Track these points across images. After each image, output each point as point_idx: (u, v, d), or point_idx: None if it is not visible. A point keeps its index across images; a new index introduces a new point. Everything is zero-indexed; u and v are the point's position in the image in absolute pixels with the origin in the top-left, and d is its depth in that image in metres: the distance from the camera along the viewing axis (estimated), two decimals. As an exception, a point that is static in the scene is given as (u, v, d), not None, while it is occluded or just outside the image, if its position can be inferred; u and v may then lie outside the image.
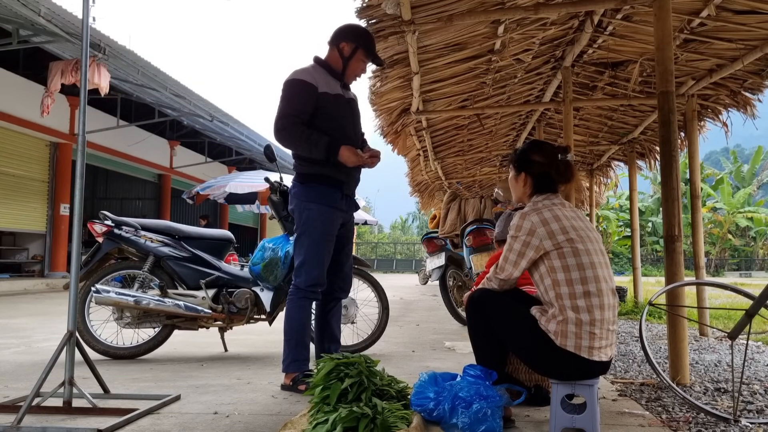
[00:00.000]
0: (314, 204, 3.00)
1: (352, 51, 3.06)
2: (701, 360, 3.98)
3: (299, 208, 3.03)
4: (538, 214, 2.23)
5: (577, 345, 2.11)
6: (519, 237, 2.23)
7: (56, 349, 2.44)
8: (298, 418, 2.18)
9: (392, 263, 39.26)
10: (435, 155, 8.10)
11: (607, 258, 2.27)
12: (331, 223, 3.04)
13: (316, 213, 2.99)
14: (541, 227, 2.20)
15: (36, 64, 12.36)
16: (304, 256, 3.00)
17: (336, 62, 3.09)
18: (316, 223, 2.99)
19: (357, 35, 3.09)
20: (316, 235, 2.99)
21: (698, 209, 5.31)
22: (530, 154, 2.39)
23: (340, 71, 3.09)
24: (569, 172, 2.35)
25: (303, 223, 3.02)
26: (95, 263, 3.94)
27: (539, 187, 2.35)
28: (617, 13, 4.23)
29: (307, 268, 2.99)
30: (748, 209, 33.98)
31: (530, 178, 2.36)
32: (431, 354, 4.20)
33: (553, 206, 2.27)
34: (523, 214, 2.26)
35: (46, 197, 13.52)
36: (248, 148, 18.76)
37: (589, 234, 2.23)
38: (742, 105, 5.24)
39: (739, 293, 3.03)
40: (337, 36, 3.09)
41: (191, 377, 3.29)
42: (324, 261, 3.02)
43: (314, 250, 2.99)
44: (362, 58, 3.10)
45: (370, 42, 3.13)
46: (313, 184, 3.02)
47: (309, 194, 3.02)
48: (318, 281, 3.02)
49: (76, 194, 2.58)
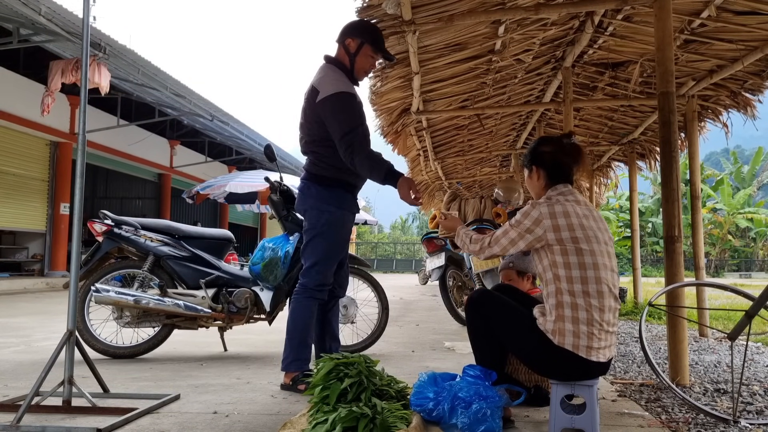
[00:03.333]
0: (333, 207, 2.98)
1: (358, 46, 3.01)
2: (701, 361, 3.98)
3: (316, 210, 2.99)
4: (549, 205, 2.24)
5: (575, 344, 2.11)
6: (524, 222, 2.24)
7: (56, 348, 2.44)
8: (298, 418, 2.18)
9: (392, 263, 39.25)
10: (435, 155, 8.10)
11: (614, 261, 2.24)
12: (346, 228, 3.05)
13: (334, 217, 2.98)
14: (548, 219, 2.20)
15: (36, 64, 12.36)
16: (318, 257, 2.99)
17: (344, 59, 3.04)
18: (334, 227, 2.98)
19: (362, 30, 3.05)
20: (333, 238, 2.99)
21: (698, 210, 5.31)
22: (539, 147, 2.43)
23: (348, 69, 3.04)
24: (577, 152, 2.39)
25: (321, 225, 2.98)
26: (95, 262, 3.94)
27: (553, 177, 2.36)
28: (618, 13, 4.23)
29: (319, 269, 2.98)
30: (748, 210, 33.96)
31: (542, 169, 2.38)
32: (431, 354, 4.20)
33: (566, 201, 2.26)
34: (534, 202, 2.28)
35: (46, 196, 13.52)
36: (248, 148, 18.77)
37: (598, 234, 2.21)
38: (742, 106, 5.24)
39: (738, 294, 3.03)
40: (343, 33, 3.05)
41: (191, 377, 3.29)
42: (334, 263, 3.04)
43: (329, 252, 2.99)
44: (370, 54, 3.04)
45: (377, 36, 3.07)
46: (332, 188, 2.99)
47: (329, 197, 2.99)
48: (326, 282, 3.03)
49: (76, 193, 2.59)
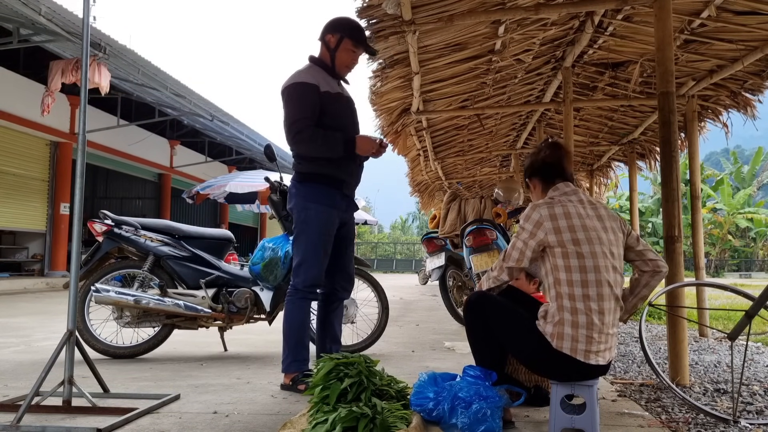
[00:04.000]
0: (313, 204, 2.98)
1: (338, 41, 3.02)
2: (701, 361, 3.98)
3: (298, 208, 3.01)
4: (549, 207, 2.24)
5: (573, 348, 2.10)
6: (526, 228, 2.25)
7: (56, 348, 2.44)
8: (298, 418, 2.18)
9: (392, 263, 39.25)
10: (435, 155, 8.10)
11: (618, 262, 2.21)
12: (329, 224, 3.01)
13: (315, 213, 2.97)
14: (549, 221, 2.19)
15: (36, 64, 12.36)
16: (302, 256, 2.99)
17: (325, 57, 3.06)
18: (315, 223, 2.97)
19: (340, 25, 3.05)
20: (314, 235, 2.97)
21: (698, 210, 5.31)
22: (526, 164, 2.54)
23: (330, 65, 3.06)
24: (558, 146, 2.48)
25: (301, 223, 3.00)
26: (95, 262, 3.94)
27: (547, 178, 2.39)
28: (618, 13, 4.23)
29: (305, 268, 2.98)
30: (748, 210, 33.95)
31: (536, 178, 2.44)
32: (431, 354, 4.20)
33: (568, 202, 2.25)
34: (534, 205, 2.28)
35: (46, 196, 13.52)
36: (248, 148, 18.77)
37: (601, 235, 2.18)
38: (742, 106, 5.25)
39: (738, 294, 3.03)
40: (323, 30, 3.08)
41: (191, 377, 3.29)
42: (322, 261, 3.00)
43: (312, 250, 2.97)
44: (350, 48, 3.04)
45: (356, 30, 3.06)
46: (313, 184, 3.00)
47: (308, 194, 2.99)
48: (316, 281, 3.01)
49: (76, 193, 2.59)
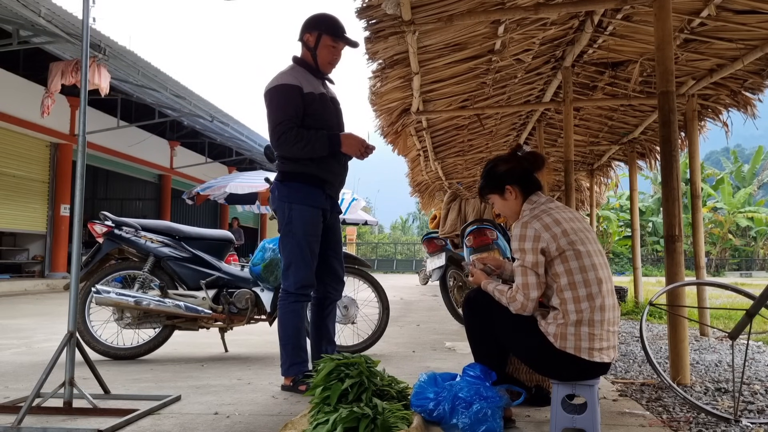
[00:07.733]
0: (296, 204, 2.95)
1: (317, 39, 3.02)
2: (702, 360, 3.98)
3: (281, 209, 2.99)
4: (538, 220, 2.22)
5: (576, 347, 2.11)
6: (527, 248, 2.18)
7: (56, 350, 2.44)
8: (299, 419, 2.18)
9: (392, 263, 39.21)
10: (435, 155, 8.09)
11: (606, 258, 2.27)
12: (314, 223, 2.99)
13: (298, 213, 2.95)
14: (545, 232, 2.18)
15: (36, 65, 12.36)
16: (290, 257, 2.97)
17: (307, 57, 3.07)
18: (299, 224, 2.95)
19: (317, 22, 3.04)
20: (300, 235, 2.95)
21: (699, 209, 5.30)
22: (499, 167, 2.41)
23: (313, 65, 3.05)
24: (537, 158, 2.41)
25: (285, 224, 2.97)
26: (95, 264, 3.94)
27: (527, 188, 2.36)
28: (617, 13, 4.23)
29: (294, 270, 2.96)
30: (748, 209, 33.94)
31: (517, 186, 2.36)
32: (431, 354, 4.19)
33: (549, 210, 2.26)
34: (524, 223, 2.24)
35: (46, 198, 13.53)
36: (248, 149, 18.77)
37: (588, 235, 2.23)
38: (742, 105, 5.24)
39: (739, 293, 3.03)
40: (301, 31, 3.08)
41: (192, 378, 3.29)
42: (310, 261, 2.98)
43: (298, 251, 2.95)
44: (330, 44, 3.03)
45: (333, 25, 3.04)
46: (295, 184, 2.98)
47: (291, 194, 2.98)
48: (306, 282, 2.98)
49: (76, 195, 2.58)
